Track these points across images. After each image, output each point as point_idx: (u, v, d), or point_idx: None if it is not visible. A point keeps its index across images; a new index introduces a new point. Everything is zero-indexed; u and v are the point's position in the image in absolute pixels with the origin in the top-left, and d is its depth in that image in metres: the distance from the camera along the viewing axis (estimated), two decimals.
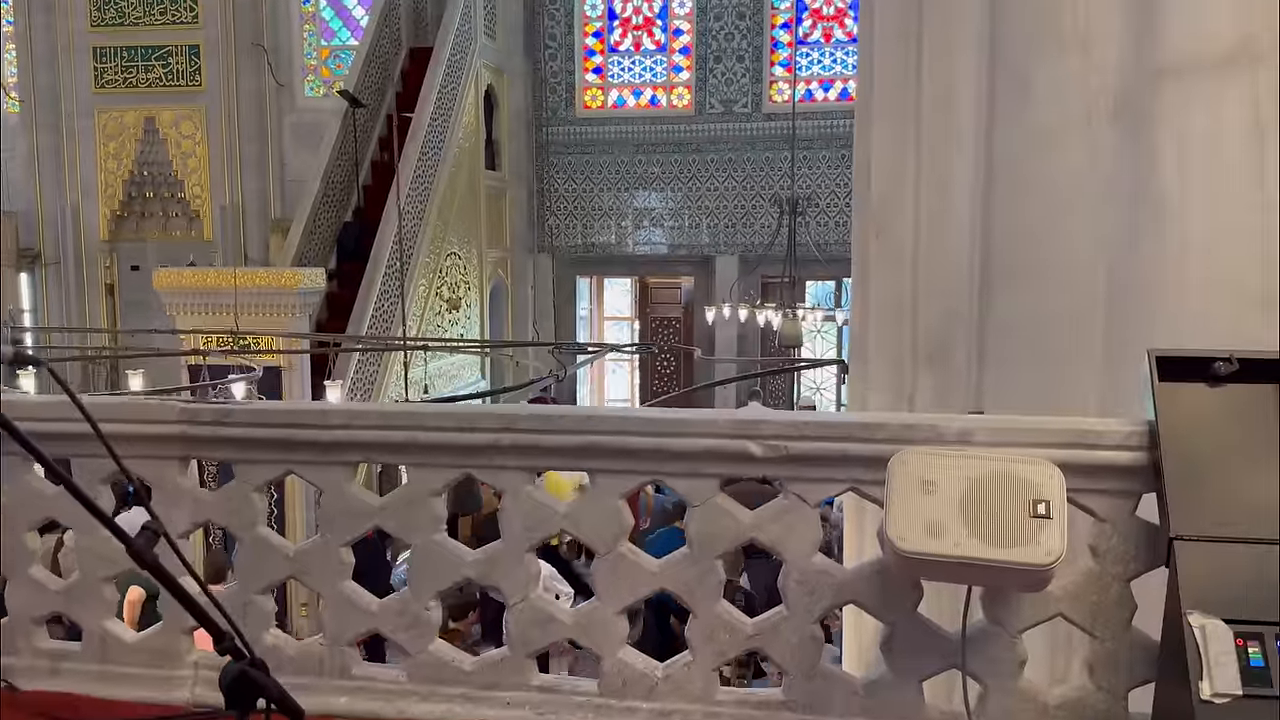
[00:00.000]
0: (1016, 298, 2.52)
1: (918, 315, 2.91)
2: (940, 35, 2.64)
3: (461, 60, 11.09)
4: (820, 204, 12.00)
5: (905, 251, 2.96)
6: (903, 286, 2.98)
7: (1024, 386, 2.50)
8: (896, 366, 3.04)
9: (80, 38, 12.66)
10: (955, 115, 2.61)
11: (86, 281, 13.01)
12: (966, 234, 2.62)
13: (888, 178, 3.01)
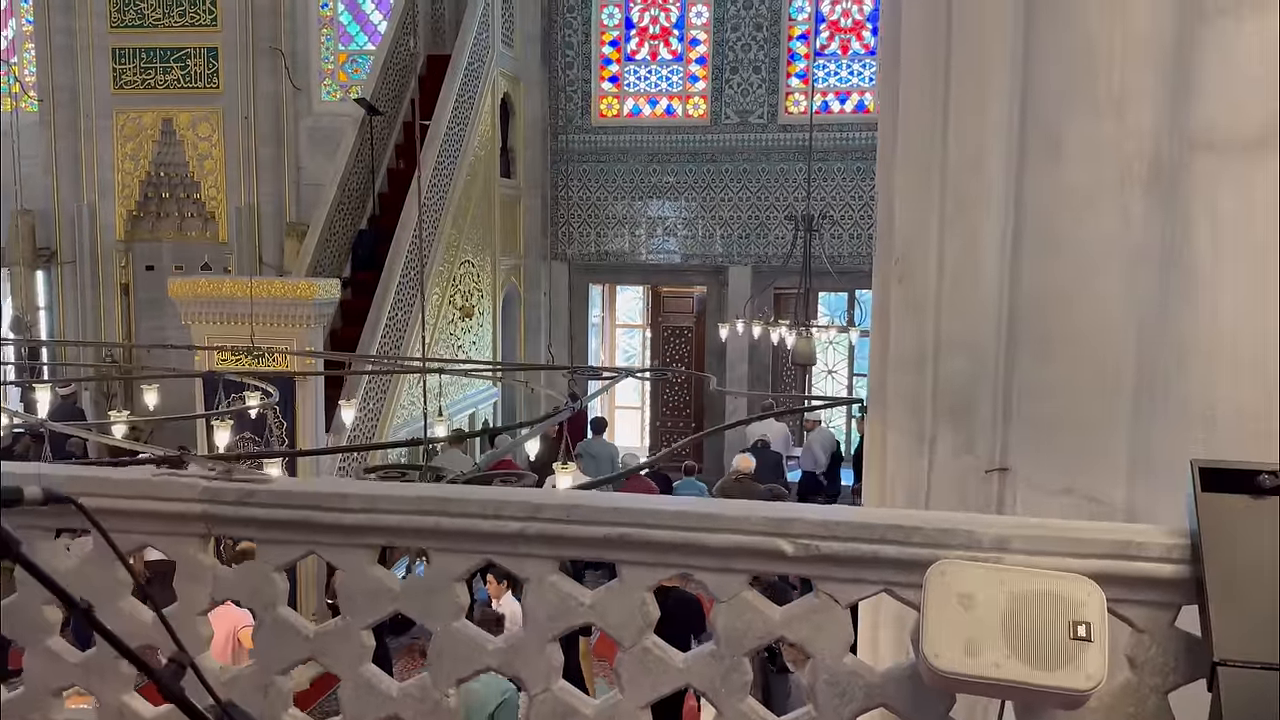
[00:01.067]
0: (1044, 358, 2.48)
1: (939, 366, 2.87)
2: (969, 91, 2.60)
3: (479, 68, 11.08)
4: (834, 216, 11.95)
5: (928, 302, 2.92)
6: (924, 336, 2.94)
7: (1051, 448, 2.46)
8: (916, 413, 3.00)
9: (99, 38, 12.70)
10: (983, 172, 2.57)
11: (102, 280, 13.05)
12: (994, 291, 2.58)
13: (911, 225, 2.97)
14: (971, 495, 2.59)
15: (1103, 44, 2.15)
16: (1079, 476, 2.32)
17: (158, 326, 12.54)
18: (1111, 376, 2.26)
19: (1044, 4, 2.32)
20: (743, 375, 12.54)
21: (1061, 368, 2.42)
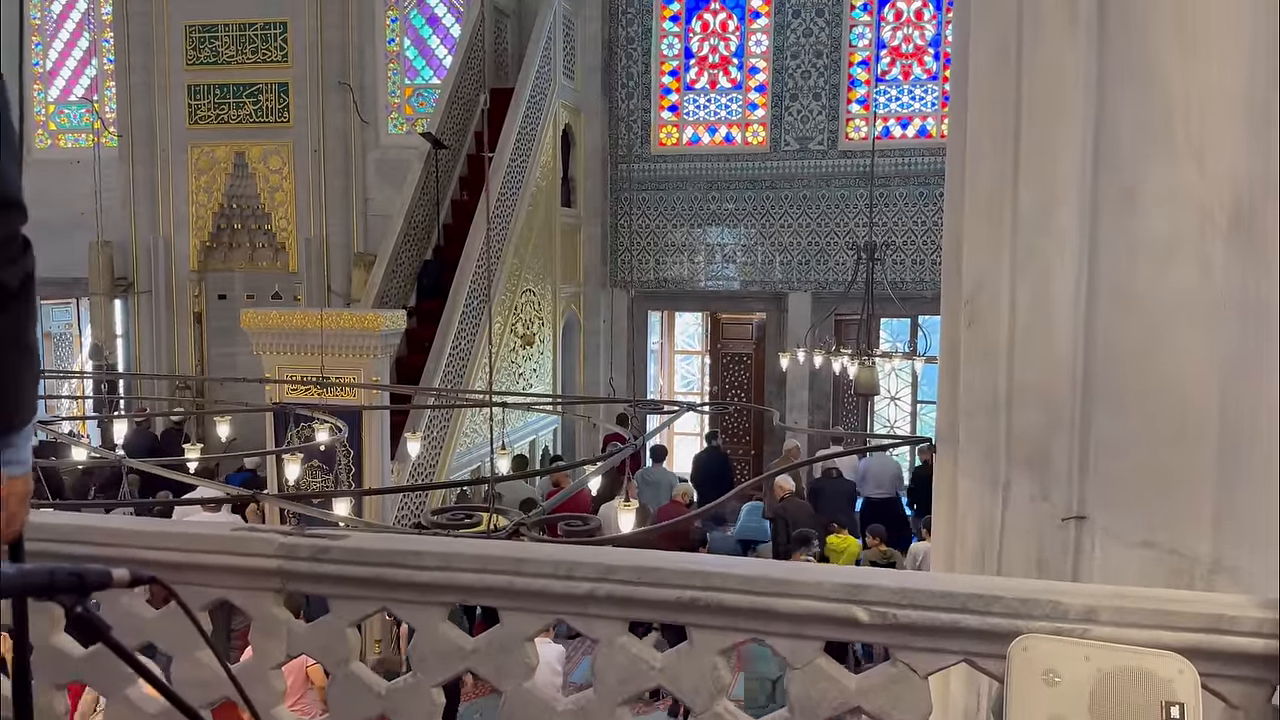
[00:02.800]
0: (1122, 410, 2.41)
1: (1012, 414, 2.81)
2: (1040, 138, 2.56)
3: (541, 101, 11.24)
4: (897, 242, 11.84)
5: (999, 349, 2.86)
6: (996, 383, 2.88)
7: (1131, 499, 2.39)
8: (989, 458, 2.94)
9: (176, 76, 13.17)
10: (1055, 220, 2.52)
11: (176, 309, 13.47)
12: (1068, 341, 2.52)
13: (980, 270, 2.92)
14: (1047, 542, 2.53)
15: (1180, 91, 2.11)
16: (1161, 529, 2.26)
17: (228, 353, 12.88)
18: (1194, 429, 2.19)
19: (1118, 51, 2.27)
20: (803, 403, 12.44)
21: (1141, 420, 2.35)
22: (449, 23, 13.01)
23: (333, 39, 12.64)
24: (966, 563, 2.87)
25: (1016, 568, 2.51)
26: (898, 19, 12.21)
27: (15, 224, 1.08)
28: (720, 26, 12.67)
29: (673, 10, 12.74)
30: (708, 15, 12.68)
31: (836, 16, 12.21)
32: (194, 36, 13.08)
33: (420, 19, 13.14)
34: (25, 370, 1.13)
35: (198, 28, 13.04)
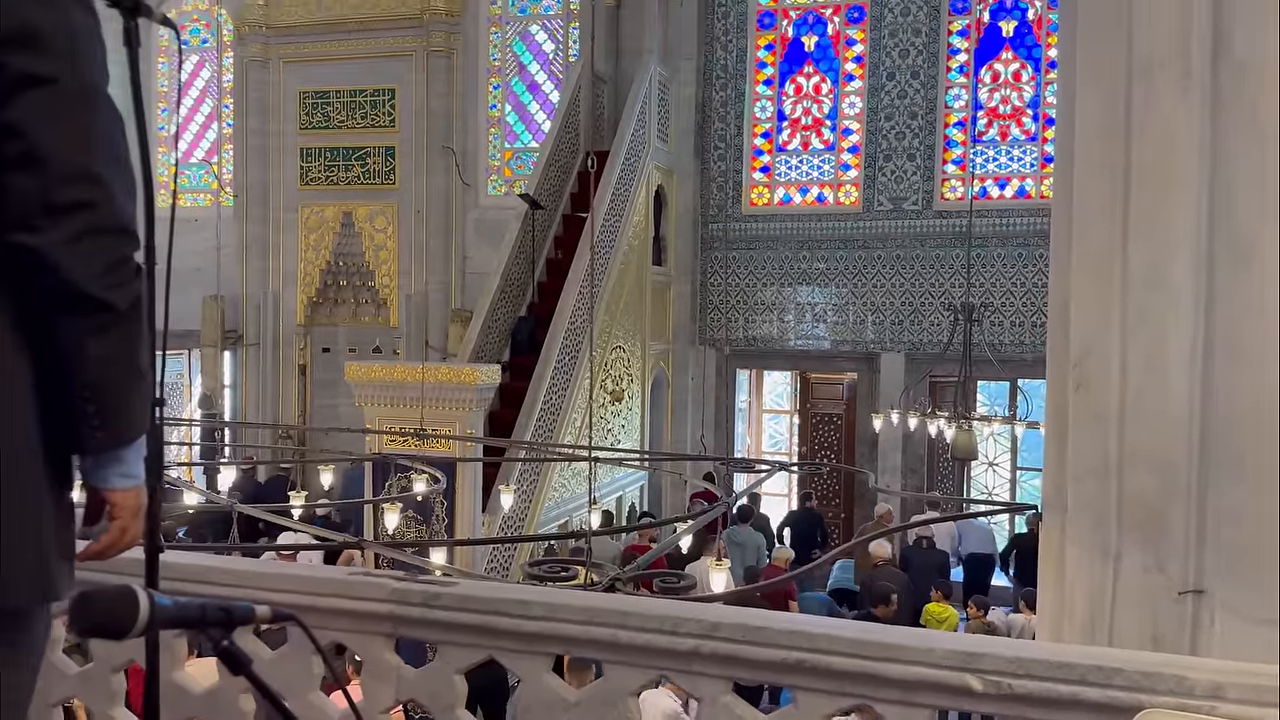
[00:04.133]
0: (1243, 477, 2.31)
1: (1124, 479, 2.71)
2: (1151, 197, 2.51)
3: (635, 163, 11.48)
4: (995, 303, 11.61)
5: (1110, 412, 2.78)
6: (1107, 447, 2.79)
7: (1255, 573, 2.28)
8: (1099, 525, 2.84)
9: (290, 139, 13.90)
10: (1168, 281, 2.45)
11: (282, 361, 14.02)
12: (1183, 404, 2.44)
13: (1089, 332, 2.85)
14: (1162, 617, 2.42)
15: None
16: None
17: (330, 405, 13.33)
18: None
19: (1231, 109, 2.23)
20: (896, 466, 12.18)
21: (1263, 486, 2.25)
22: (548, 89, 13.45)
23: (437, 106, 13.19)
24: (1075, 634, 2.76)
25: (1129, 641, 2.41)
26: (995, 80, 12.14)
27: (127, 249, 1.17)
28: (813, 89, 12.79)
29: (766, 74, 12.92)
30: (801, 79, 12.81)
31: (932, 79, 12.21)
32: (308, 103, 13.81)
33: (521, 86, 13.62)
34: (134, 389, 1.21)
35: (311, 94, 13.77)
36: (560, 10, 13.43)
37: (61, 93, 1.11)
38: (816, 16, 12.72)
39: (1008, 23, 12.06)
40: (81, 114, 1.13)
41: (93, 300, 1.13)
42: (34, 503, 1.14)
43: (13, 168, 1.09)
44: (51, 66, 1.10)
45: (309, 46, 13.65)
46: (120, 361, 1.17)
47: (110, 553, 1.25)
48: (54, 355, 1.15)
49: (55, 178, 1.10)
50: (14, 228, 1.10)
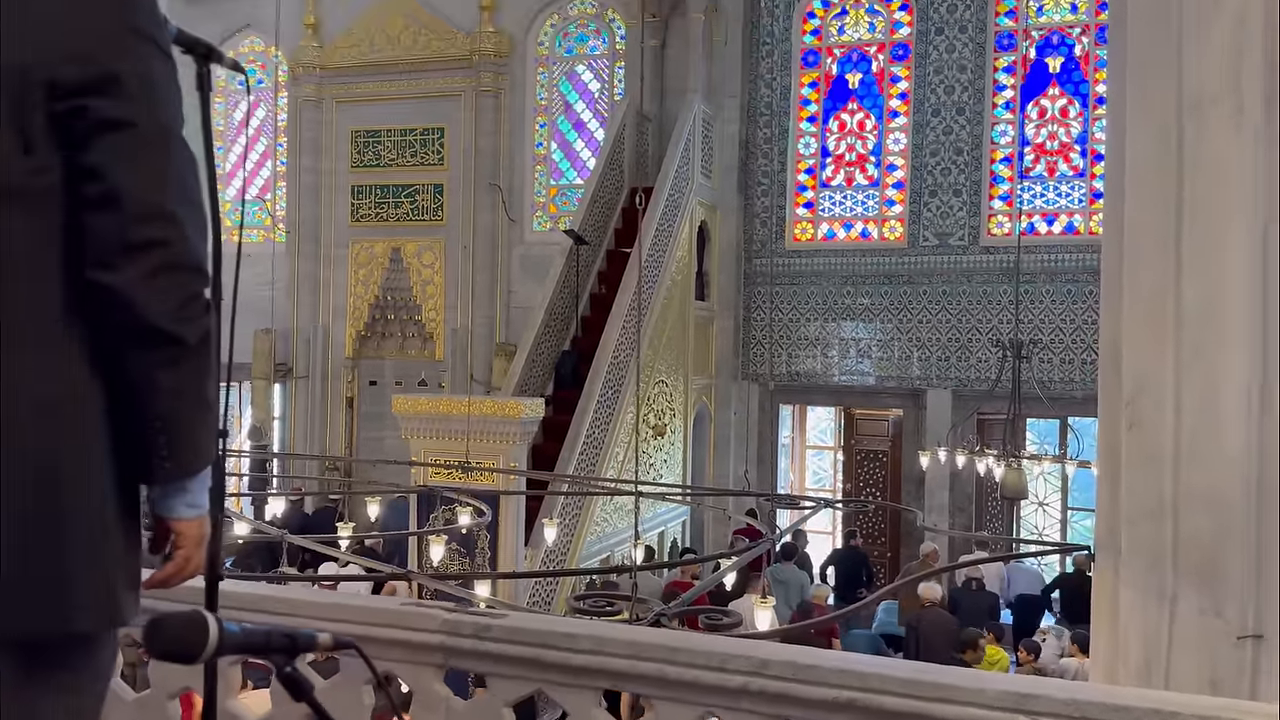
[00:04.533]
0: None
1: (1179, 520, 2.66)
2: (1205, 233, 2.49)
3: (679, 199, 11.57)
4: (1043, 340, 11.45)
5: (1164, 452, 2.73)
6: (1162, 487, 2.74)
7: None
8: (1154, 567, 2.78)
9: (341, 177, 14.22)
10: (1224, 318, 2.42)
11: (330, 394, 14.24)
12: (1239, 444, 2.39)
13: (1142, 371, 2.81)
14: (1221, 661, 2.36)
15: None
16: None
17: (376, 438, 13.50)
18: None
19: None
20: (943, 505, 12.00)
21: None
22: (593, 127, 13.64)
23: (485, 144, 13.43)
24: (1130, 678, 2.70)
25: (1186, 685, 2.36)
26: (1042, 116, 12.07)
27: (198, 286, 1.21)
28: (858, 126, 12.82)
29: (810, 111, 12.98)
30: (845, 115, 12.85)
31: (978, 115, 12.18)
32: (359, 141, 14.14)
33: (567, 124, 13.83)
34: (201, 421, 1.25)
35: (363, 133, 14.10)
36: (606, 50, 13.64)
37: (140, 136, 1.16)
38: (861, 54, 12.77)
39: (1054, 59, 12.01)
40: (158, 156, 1.18)
41: (165, 335, 1.17)
42: (104, 530, 1.18)
43: (92, 208, 1.14)
44: (130, 111, 1.15)
45: (361, 87, 14.00)
46: (189, 394, 1.21)
47: (174, 581, 1.29)
48: (126, 387, 1.19)
49: (132, 217, 1.15)
50: (92, 265, 1.15)
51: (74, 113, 1.13)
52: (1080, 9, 11.93)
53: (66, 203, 1.15)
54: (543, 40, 13.77)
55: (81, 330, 1.17)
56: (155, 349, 1.17)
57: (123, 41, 1.17)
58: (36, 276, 1.14)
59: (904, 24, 12.54)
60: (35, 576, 1.12)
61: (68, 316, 1.16)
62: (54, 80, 1.12)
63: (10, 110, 1.11)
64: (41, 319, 1.14)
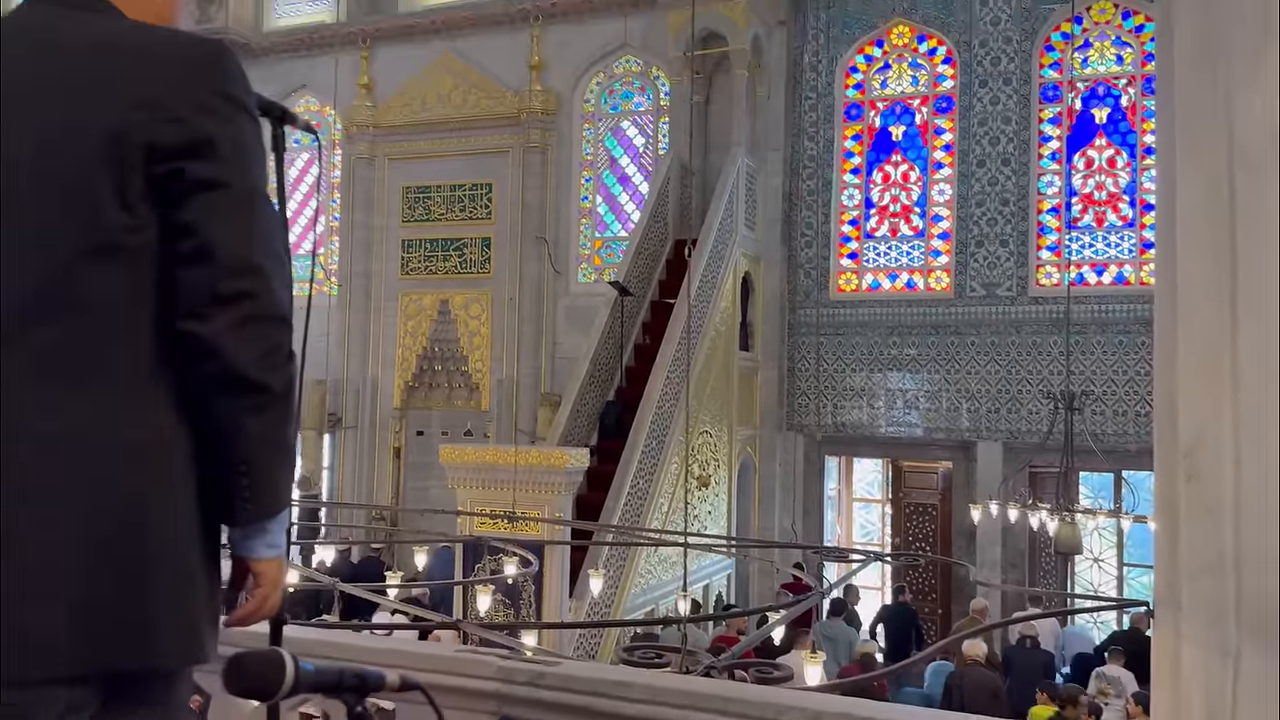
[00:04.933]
0: None
1: (1241, 577, 2.59)
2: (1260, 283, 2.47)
3: (723, 250, 11.65)
4: (1095, 392, 11.25)
5: (1224, 506, 2.67)
6: (1223, 543, 2.68)
7: None
8: (1217, 623, 2.70)
9: (392, 232, 14.55)
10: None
11: (377, 444, 14.41)
12: None
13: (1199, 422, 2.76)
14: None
15: None
16: None
17: (422, 487, 13.61)
18: None
19: None
20: (995, 560, 11.74)
21: None
22: (638, 181, 13.84)
23: (532, 198, 13.68)
24: None
25: None
26: (1089, 167, 12.02)
27: (282, 336, 1.27)
28: (902, 177, 12.85)
29: (853, 163, 13.05)
30: (889, 167, 12.90)
31: (1024, 166, 12.15)
32: (410, 197, 14.48)
33: (612, 178, 14.05)
34: (282, 465, 1.30)
35: (414, 189, 14.45)
36: (650, 106, 13.89)
37: (231, 195, 1.23)
38: (904, 107, 12.85)
39: (1101, 109, 11.98)
40: (247, 214, 1.25)
41: (251, 382, 1.23)
42: (189, 569, 1.23)
43: (185, 262, 1.22)
44: (222, 172, 1.23)
45: (413, 144, 14.38)
46: (272, 439, 1.27)
47: (253, 619, 1.33)
48: (212, 432, 1.25)
49: (222, 270, 1.22)
50: (184, 316, 1.21)
51: (171, 174, 1.21)
52: (1126, 60, 11.92)
53: (160, 258, 1.22)
54: (589, 97, 14.06)
55: (171, 378, 1.23)
56: (242, 396, 1.23)
57: (217, 108, 1.24)
58: (132, 328, 1.21)
59: (947, 77, 12.61)
60: (124, 615, 1.17)
61: (159, 366, 1.22)
62: (153, 143, 1.20)
63: (112, 172, 1.18)
64: (135, 368, 1.21)
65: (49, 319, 1.18)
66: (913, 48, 12.77)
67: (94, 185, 1.18)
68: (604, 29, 13.77)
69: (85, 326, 1.19)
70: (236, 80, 1.28)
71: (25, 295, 1.17)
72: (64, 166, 1.19)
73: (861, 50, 12.96)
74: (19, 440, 1.14)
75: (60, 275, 1.18)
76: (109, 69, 1.22)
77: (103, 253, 1.19)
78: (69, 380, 1.17)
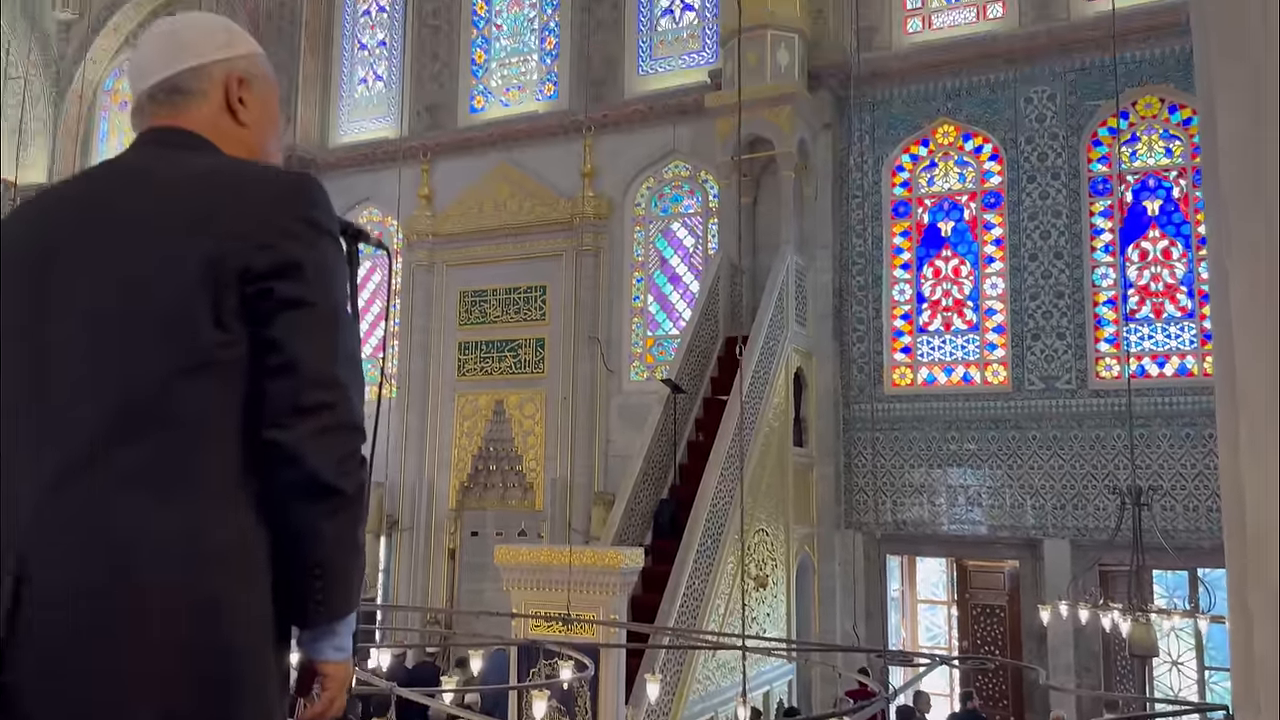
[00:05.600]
0: None
1: None
2: None
3: (774, 346, 11.70)
4: (1164, 486, 10.91)
5: None
6: None
7: None
8: None
9: (449, 335, 14.90)
10: None
11: (433, 546, 14.44)
12: None
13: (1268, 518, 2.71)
14: None
15: None
16: None
17: (476, 589, 13.56)
18: None
19: None
20: (1068, 664, 11.24)
21: None
22: (688, 280, 14.05)
23: (585, 299, 13.96)
24: None
25: None
26: (1143, 259, 11.91)
27: (357, 443, 1.34)
28: (953, 272, 12.86)
29: (903, 259, 13.12)
30: (939, 262, 12.93)
31: (1077, 258, 12.09)
32: (467, 300, 14.86)
33: (663, 278, 14.29)
34: (354, 568, 1.35)
35: (471, 293, 14.84)
36: (700, 208, 14.19)
37: (316, 313, 1.33)
38: (952, 203, 12.95)
39: (1152, 201, 11.95)
40: (330, 330, 1.34)
41: (328, 487, 1.29)
42: (264, 668, 1.28)
43: (271, 375, 1.30)
44: (309, 292, 1.33)
45: (470, 250, 14.84)
46: (345, 542, 1.33)
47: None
48: (289, 536, 1.31)
49: (305, 383, 1.30)
50: (268, 425, 1.29)
51: (261, 294, 1.31)
52: (1175, 153, 11.92)
53: (249, 371, 1.30)
54: (639, 201, 14.43)
55: (253, 485, 1.30)
56: (319, 500, 1.30)
57: (302, 233, 1.35)
58: (220, 438, 1.29)
59: (994, 173, 12.71)
60: (204, 710, 1.21)
61: (243, 474, 1.30)
62: (247, 268, 1.30)
63: (209, 295, 1.28)
64: (221, 476, 1.28)
65: (139, 435, 1.25)
66: (958, 145, 12.94)
67: (193, 308, 1.28)
68: (653, 137, 14.22)
69: (175, 440, 1.27)
70: (321, 207, 1.39)
71: (114, 412, 1.25)
72: (163, 292, 1.29)
73: (907, 149, 13.16)
74: (106, 551, 1.20)
75: (156, 392, 1.26)
76: (207, 202, 1.34)
77: (198, 369, 1.28)
78: (156, 491, 1.24)
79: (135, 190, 1.37)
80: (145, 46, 1.52)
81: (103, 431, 1.25)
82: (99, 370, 1.27)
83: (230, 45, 1.52)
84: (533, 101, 15.44)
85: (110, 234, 1.33)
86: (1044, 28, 12.50)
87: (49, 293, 1.33)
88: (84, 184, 1.44)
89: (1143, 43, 11.87)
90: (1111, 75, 10.68)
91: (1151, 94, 11.98)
